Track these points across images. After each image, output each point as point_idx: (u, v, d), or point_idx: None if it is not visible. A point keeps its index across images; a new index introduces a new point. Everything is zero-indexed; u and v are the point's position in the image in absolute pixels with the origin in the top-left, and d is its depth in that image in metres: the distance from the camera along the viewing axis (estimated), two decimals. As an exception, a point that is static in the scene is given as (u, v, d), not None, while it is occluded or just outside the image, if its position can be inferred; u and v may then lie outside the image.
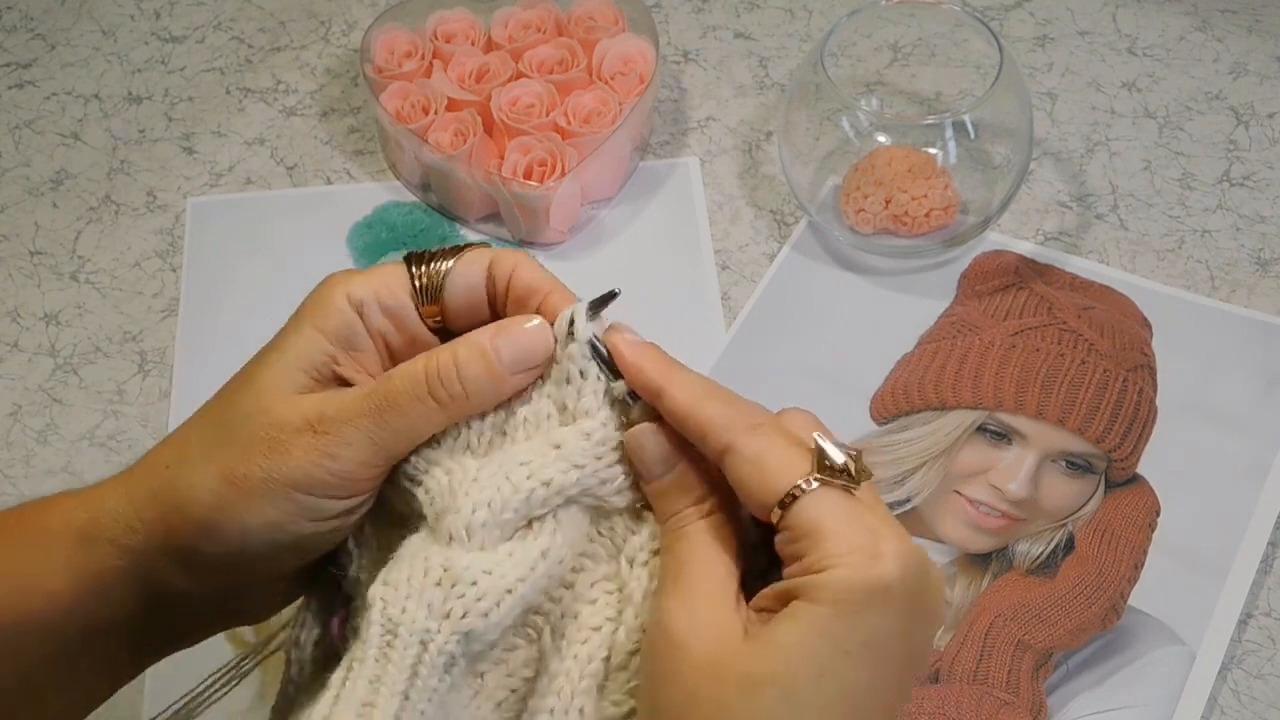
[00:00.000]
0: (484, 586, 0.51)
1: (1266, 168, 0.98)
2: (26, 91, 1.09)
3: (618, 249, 0.97)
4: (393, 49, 1.00)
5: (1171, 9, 1.08)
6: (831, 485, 0.50)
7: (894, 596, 0.48)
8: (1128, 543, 0.82)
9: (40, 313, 0.96)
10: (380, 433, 0.54)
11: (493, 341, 0.54)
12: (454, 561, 0.51)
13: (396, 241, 0.98)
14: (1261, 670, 0.78)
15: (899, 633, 0.49)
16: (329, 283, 0.57)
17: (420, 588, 0.51)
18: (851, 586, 0.48)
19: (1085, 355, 0.88)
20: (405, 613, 0.51)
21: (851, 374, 0.89)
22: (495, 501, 0.52)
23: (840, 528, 0.49)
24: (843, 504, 0.49)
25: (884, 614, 0.48)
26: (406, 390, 0.54)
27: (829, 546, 0.48)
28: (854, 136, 0.95)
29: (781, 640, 0.48)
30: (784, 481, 0.50)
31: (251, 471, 0.53)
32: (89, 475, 0.88)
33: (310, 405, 0.54)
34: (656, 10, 1.10)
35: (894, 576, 0.48)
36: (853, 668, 0.48)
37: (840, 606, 0.48)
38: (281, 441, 0.53)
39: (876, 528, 0.49)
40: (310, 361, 0.55)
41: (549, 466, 0.53)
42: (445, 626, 0.51)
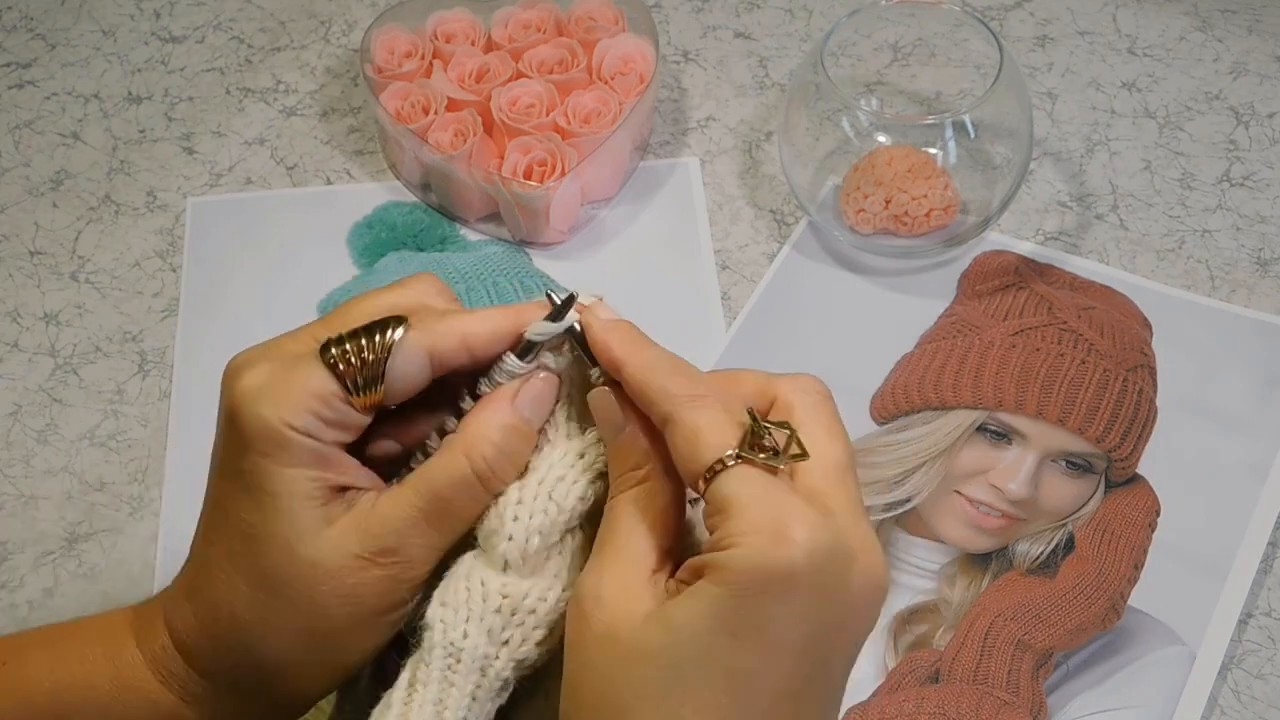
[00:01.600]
0: (540, 614, 0.53)
1: (1266, 168, 0.98)
2: (26, 91, 1.09)
3: (618, 249, 0.97)
4: (393, 49, 1.00)
5: (1171, 9, 1.08)
6: (753, 463, 0.49)
7: (796, 582, 0.47)
8: (1128, 543, 0.82)
9: (40, 313, 0.96)
10: (440, 538, 0.54)
11: (519, 412, 0.54)
12: (512, 589, 0.52)
13: (396, 242, 0.98)
14: (1261, 670, 0.78)
15: (803, 621, 0.47)
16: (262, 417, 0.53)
17: (481, 613, 0.52)
18: (747, 568, 0.47)
19: (1085, 355, 0.88)
20: (467, 638, 0.52)
21: (851, 374, 0.89)
22: (545, 527, 0.53)
23: (748, 506, 0.48)
24: (758, 482, 0.48)
25: (782, 601, 0.47)
26: (459, 493, 0.54)
27: (733, 525, 0.48)
28: (854, 136, 0.95)
29: (673, 617, 0.47)
30: (710, 455, 0.49)
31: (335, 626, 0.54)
32: (89, 475, 0.88)
33: (355, 539, 0.54)
34: (656, 10, 1.10)
35: (798, 562, 0.46)
36: (740, 651, 0.47)
37: (733, 587, 0.47)
38: (349, 586, 0.53)
39: (791, 510, 0.47)
40: (311, 496, 0.54)
41: (580, 480, 0.54)
42: (504, 653, 0.52)
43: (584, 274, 0.95)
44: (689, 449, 0.50)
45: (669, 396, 0.51)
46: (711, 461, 0.49)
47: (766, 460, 0.49)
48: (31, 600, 0.83)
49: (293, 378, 0.53)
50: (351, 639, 0.55)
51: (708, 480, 0.49)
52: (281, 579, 0.54)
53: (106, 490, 0.87)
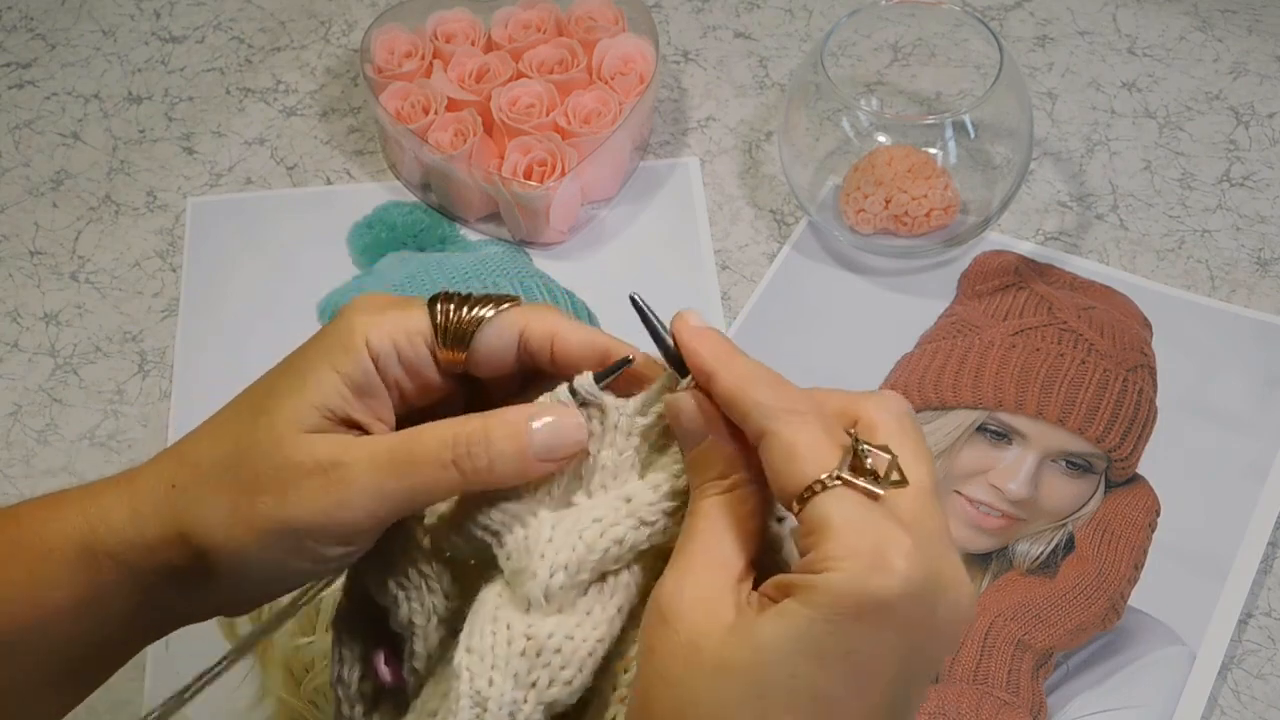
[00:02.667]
0: (567, 654, 0.51)
1: (1266, 168, 0.98)
2: (26, 91, 1.09)
3: (618, 249, 0.97)
4: (393, 49, 1.00)
5: (1171, 9, 1.08)
6: (853, 486, 0.48)
7: (892, 613, 0.46)
8: (1128, 543, 0.82)
9: (40, 313, 0.96)
10: (394, 488, 0.53)
11: (529, 425, 0.53)
12: (537, 630, 0.51)
13: (396, 242, 0.97)
14: (1261, 670, 0.78)
15: (892, 651, 0.46)
16: (350, 321, 0.55)
17: (505, 658, 0.51)
18: (842, 593, 0.46)
19: (1085, 355, 0.88)
20: (493, 685, 0.51)
21: (851, 374, 0.89)
22: (571, 564, 0.52)
23: (847, 530, 0.47)
24: (858, 507, 0.47)
25: (875, 628, 0.46)
26: (431, 453, 0.53)
27: (830, 548, 0.47)
28: (854, 136, 0.95)
29: (762, 634, 0.47)
30: (808, 474, 0.48)
31: (259, 511, 0.53)
32: (89, 475, 0.88)
33: (325, 448, 0.53)
34: (656, 10, 1.10)
35: (894, 592, 0.46)
36: (827, 677, 0.46)
37: (827, 612, 0.46)
38: (293, 483, 0.53)
39: (890, 537, 0.46)
40: (325, 403, 0.54)
41: (620, 524, 0.52)
42: (531, 696, 0.51)
43: (584, 274, 0.95)
44: (786, 466, 0.49)
45: (765, 410, 0.50)
46: (810, 481, 0.48)
47: (867, 485, 0.48)
48: (31, 600, 0.83)
49: (397, 310, 0.55)
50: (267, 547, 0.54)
51: (804, 499, 0.48)
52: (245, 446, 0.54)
53: (106, 490, 0.87)
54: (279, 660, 0.77)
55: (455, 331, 0.55)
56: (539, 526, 0.53)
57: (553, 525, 0.53)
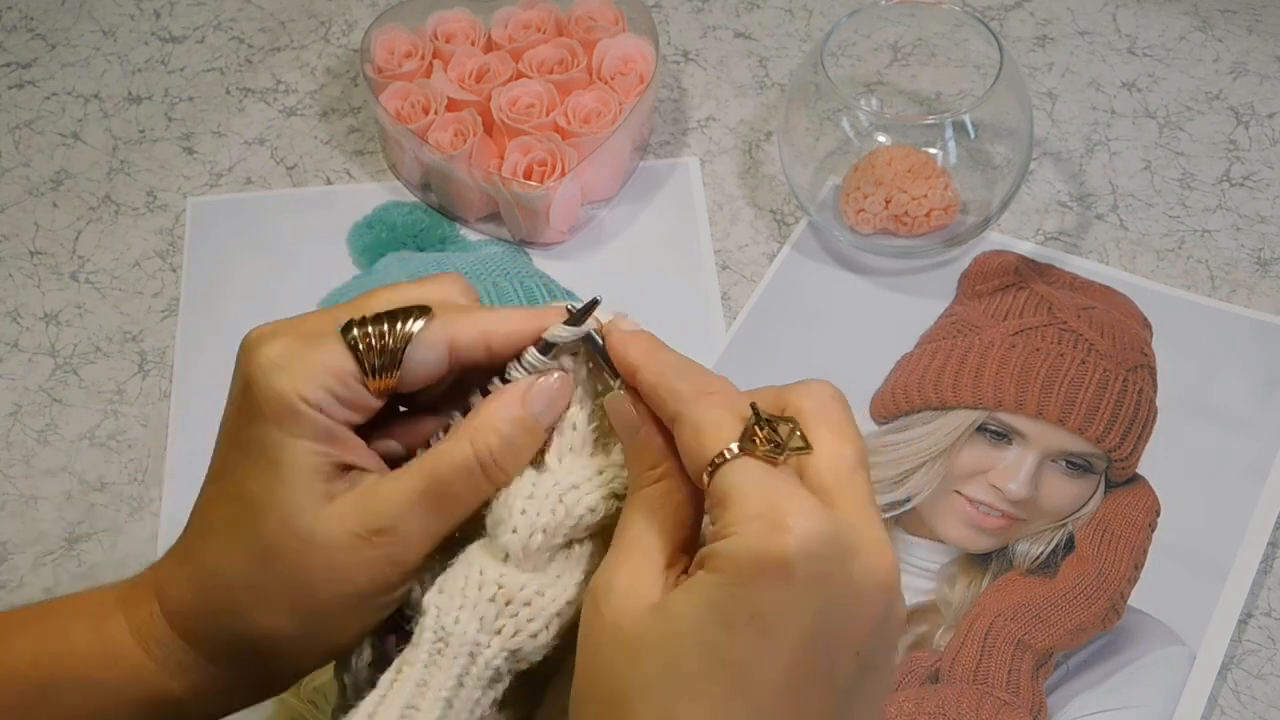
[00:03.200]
0: (535, 608, 0.53)
1: (1266, 168, 0.98)
2: (26, 91, 1.09)
3: (618, 249, 0.97)
4: (393, 49, 1.00)
5: (1171, 9, 1.08)
6: (753, 454, 0.49)
7: (791, 571, 0.46)
8: (1128, 543, 0.82)
9: (40, 313, 0.96)
10: (438, 523, 0.54)
11: (528, 407, 0.55)
12: (509, 580, 0.53)
13: (396, 242, 0.97)
14: (1261, 670, 0.78)
15: (800, 610, 0.46)
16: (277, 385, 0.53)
17: (475, 600, 0.52)
18: (741, 555, 0.46)
19: (1085, 355, 0.88)
20: (458, 623, 0.52)
21: (851, 374, 0.89)
22: (550, 527, 0.53)
23: (747, 496, 0.48)
24: (757, 473, 0.48)
25: (776, 588, 0.46)
26: (460, 478, 0.54)
27: (731, 514, 0.48)
28: (854, 136, 0.95)
29: (673, 608, 0.48)
30: (713, 448, 0.49)
31: (324, 602, 0.54)
32: (89, 475, 0.88)
33: (353, 516, 0.54)
34: (656, 10, 1.10)
35: (792, 549, 0.46)
36: (736, 641, 0.46)
37: (728, 576, 0.47)
38: (342, 563, 0.53)
39: (789, 499, 0.47)
40: (316, 470, 0.54)
41: (594, 493, 0.54)
42: (495, 642, 0.52)
43: (584, 274, 0.95)
44: (694, 444, 0.50)
45: (677, 395, 0.51)
46: (714, 454, 0.49)
47: (768, 452, 0.49)
48: (31, 600, 0.83)
49: (311, 352, 0.54)
50: (341, 616, 0.55)
51: (710, 474, 0.49)
52: (276, 549, 0.54)
53: (106, 490, 0.87)
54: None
55: (381, 360, 0.55)
56: (520, 481, 0.54)
57: (533, 483, 0.54)
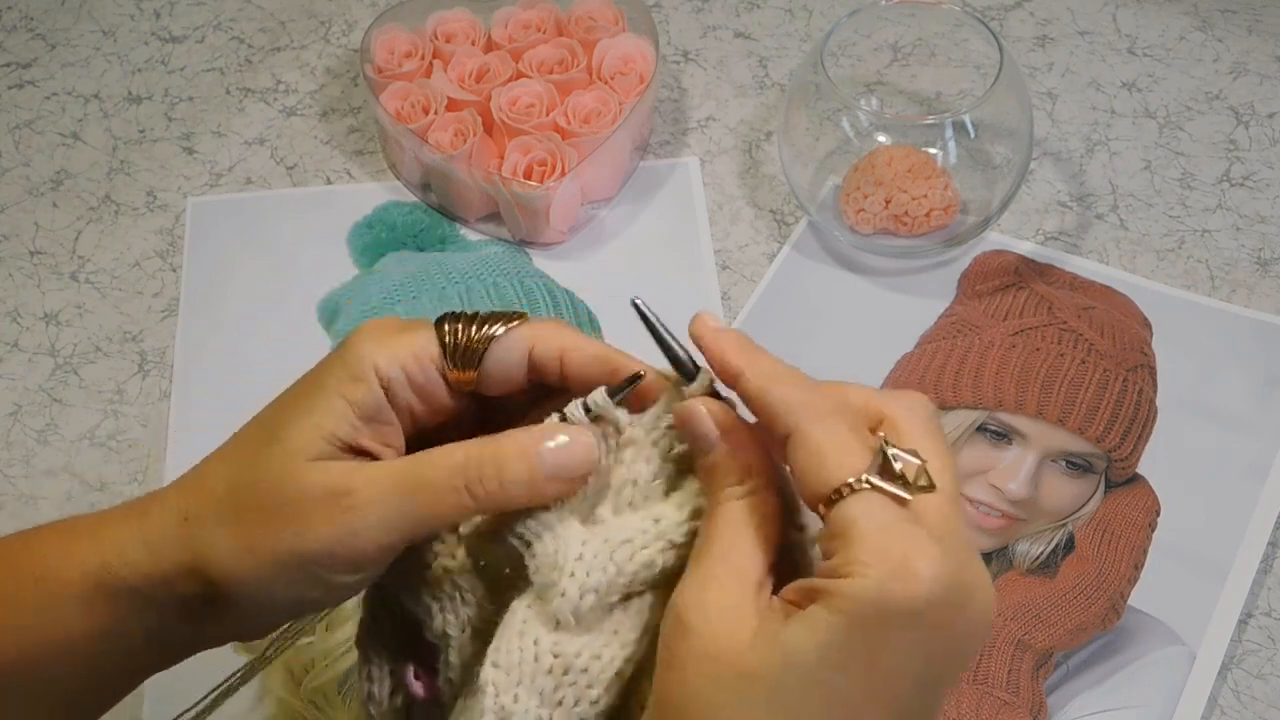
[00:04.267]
0: (594, 673, 0.51)
1: (1266, 168, 0.98)
2: (26, 91, 1.09)
3: (618, 249, 0.97)
4: (393, 49, 1.00)
5: (1171, 9, 1.08)
6: (881, 490, 0.47)
7: (918, 620, 0.45)
8: (1128, 543, 0.82)
9: (40, 313, 0.96)
10: (405, 515, 0.53)
11: (539, 447, 0.53)
12: (564, 648, 0.51)
13: (396, 242, 0.97)
14: (1261, 670, 0.78)
15: (917, 657, 0.46)
16: (359, 349, 0.55)
17: (532, 674, 0.51)
18: (869, 600, 0.45)
19: (1085, 355, 0.88)
20: (517, 701, 0.51)
21: (851, 374, 0.88)
22: (601, 586, 0.51)
23: (874, 535, 0.46)
24: (886, 511, 0.47)
25: (900, 635, 0.45)
26: (442, 479, 0.53)
27: (856, 552, 0.46)
28: (854, 136, 0.95)
29: (786, 642, 0.46)
30: (837, 476, 0.47)
31: (272, 543, 0.53)
32: (89, 475, 0.88)
33: (336, 475, 0.53)
34: (656, 10, 1.10)
35: (921, 600, 0.45)
36: (850, 683, 0.46)
37: (850, 617, 0.45)
38: (303, 513, 0.53)
39: (916, 543, 0.46)
40: (335, 431, 0.54)
41: (650, 547, 0.52)
42: (558, 715, 0.51)
43: (584, 274, 0.95)
44: (815, 467, 0.48)
45: (793, 408, 0.49)
46: (838, 483, 0.47)
47: (896, 489, 0.47)
48: (31, 600, 0.83)
49: (404, 333, 0.55)
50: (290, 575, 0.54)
51: (832, 502, 0.47)
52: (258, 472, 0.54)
53: (106, 490, 0.87)
54: (279, 660, 0.77)
55: (464, 352, 0.55)
56: (569, 540, 0.52)
57: (583, 541, 0.52)
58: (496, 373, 0.56)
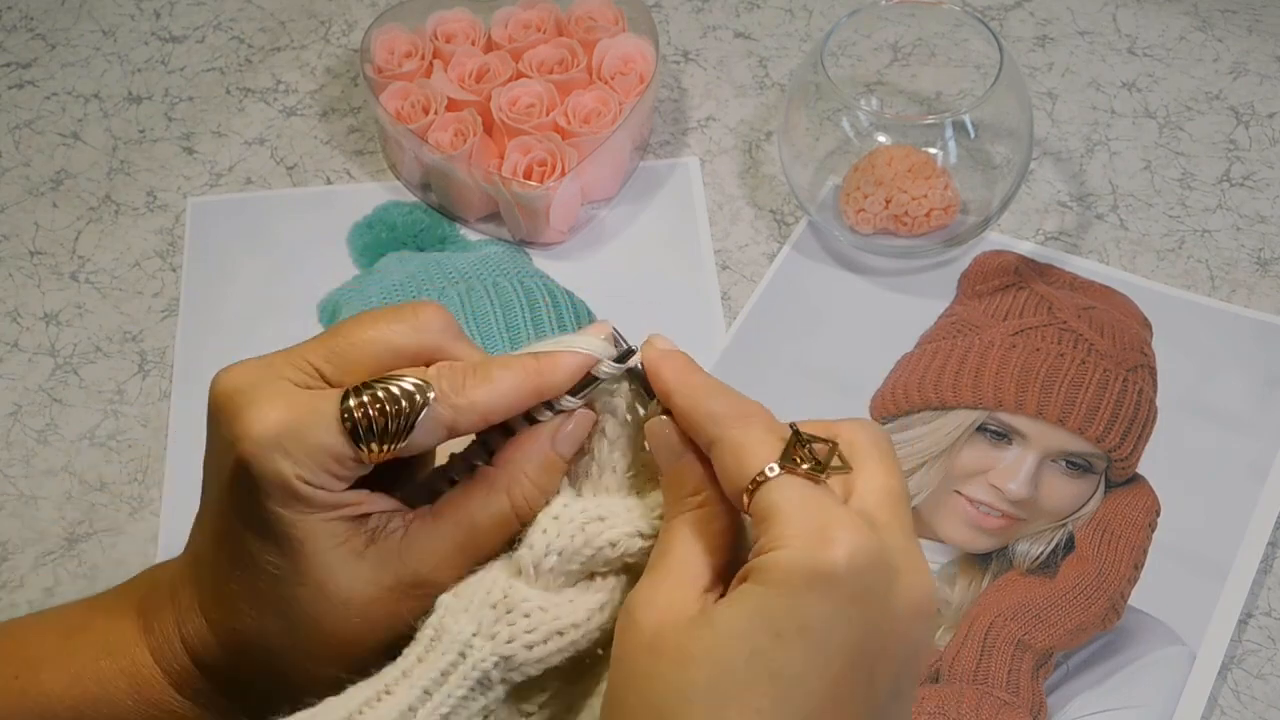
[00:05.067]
0: (535, 620, 0.53)
1: (1266, 168, 0.98)
2: (26, 91, 1.09)
3: (618, 249, 0.97)
4: (393, 49, 1.00)
5: (1171, 9, 1.08)
6: (794, 472, 0.49)
7: (839, 583, 0.47)
8: (1128, 543, 0.82)
9: (40, 313, 0.96)
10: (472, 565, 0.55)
11: (557, 448, 0.55)
12: (515, 591, 0.53)
13: (396, 242, 0.97)
14: (1261, 670, 0.78)
15: (847, 624, 0.47)
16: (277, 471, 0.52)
17: (479, 605, 0.53)
18: (790, 568, 0.47)
19: (1085, 355, 0.88)
20: (456, 622, 0.53)
21: (851, 374, 0.89)
22: (566, 550, 0.54)
23: (792, 511, 0.48)
24: (801, 490, 0.49)
25: (825, 600, 0.47)
26: (498, 528, 0.55)
27: (778, 529, 0.48)
28: (854, 136, 0.95)
29: (719, 619, 0.48)
30: (754, 468, 0.50)
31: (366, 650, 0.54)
32: (89, 475, 0.88)
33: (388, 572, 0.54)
34: (656, 10, 1.10)
35: (841, 562, 0.47)
36: (785, 651, 0.47)
37: (778, 587, 0.47)
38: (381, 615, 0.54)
39: (834, 514, 0.48)
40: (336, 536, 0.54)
41: (618, 528, 0.54)
42: (488, 646, 0.53)
43: (584, 274, 0.95)
44: (734, 465, 0.50)
45: (715, 419, 0.52)
46: (754, 474, 0.50)
47: (809, 470, 0.50)
48: (31, 600, 0.83)
49: (308, 433, 0.52)
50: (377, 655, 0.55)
51: (751, 493, 0.50)
52: (314, 616, 0.54)
53: (106, 490, 0.87)
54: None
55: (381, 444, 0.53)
56: (553, 500, 0.55)
57: (563, 504, 0.55)
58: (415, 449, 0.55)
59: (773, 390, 0.84)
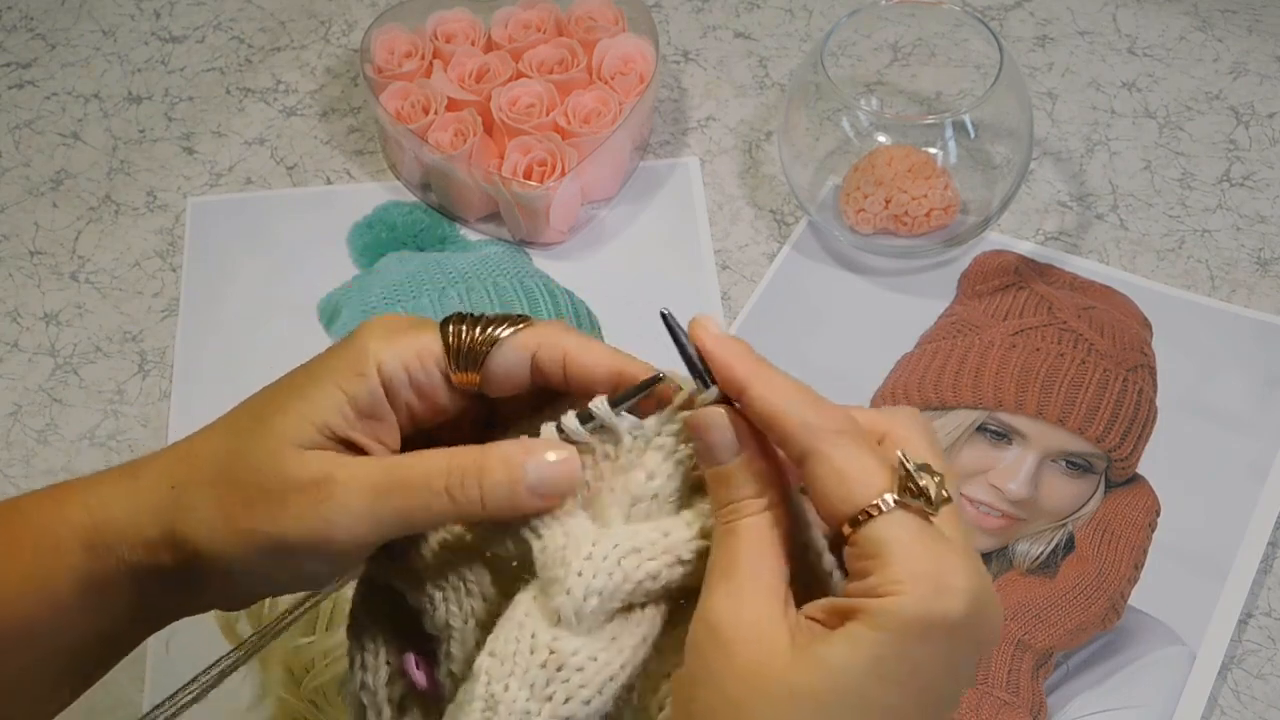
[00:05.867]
0: (589, 674, 0.51)
1: (1266, 168, 0.98)
2: (26, 91, 1.09)
3: (618, 249, 0.97)
4: (393, 49, 1.00)
5: (1171, 9, 1.08)
6: (908, 508, 0.48)
7: (955, 632, 0.47)
8: (1128, 543, 0.82)
9: (40, 313, 0.96)
10: (383, 511, 0.53)
11: (524, 461, 0.53)
12: (561, 645, 0.51)
13: (396, 242, 0.98)
14: (1261, 670, 0.78)
15: (950, 666, 0.48)
16: (364, 343, 0.55)
17: (525, 666, 0.51)
18: (912, 617, 0.47)
19: (1085, 355, 0.88)
20: (507, 690, 0.51)
21: (851, 374, 0.89)
22: (606, 590, 0.51)
23: (910, 554, 0.47)
24: (916, 529, 0.48)
25: (940, 648, 0.47)
26: (423, 479, 0.53)
27: (895, 572, 0.47)
28: (854, 136, 0.95)
29: (832, 659, 0.47)
30: (861, 496, 0.48)
31: (249, 523, 0.53)
32: (89, 475, 0.88)
33: (318, 465, 0.53)
34: (656, 10, 1.10)
35: (959, 613, 0.47)
36: (894, 694, 0.47)
37: (896, 634, 0.47)
38: (282, 498, 0.53)
39: (948, 559, 0.48)
40: (326, 421, 0.54)
41: (658, 559, 0.52)
42: (546, 709, 0.51)
43: (584, 274, 0.95)
44: (839, 489, 0.49)
45: (808, 428, 0.49)
46: (864, 504, 0.48)
47: (922, 506, 0.49)
48: (31, 600, 0.83)
49: (409, 332, 0.55)
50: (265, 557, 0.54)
51: (858, 523, 0.48)
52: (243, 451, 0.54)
53: (106, 490, 0.87)
54: (279, 660, 0.77)
55: (468, 354, 0.55)
56: (579, 538, 0.52)
57: (593, 542, 0.52)
58: (499, 375, 0.55)
59: (773, 390, 0.84)
